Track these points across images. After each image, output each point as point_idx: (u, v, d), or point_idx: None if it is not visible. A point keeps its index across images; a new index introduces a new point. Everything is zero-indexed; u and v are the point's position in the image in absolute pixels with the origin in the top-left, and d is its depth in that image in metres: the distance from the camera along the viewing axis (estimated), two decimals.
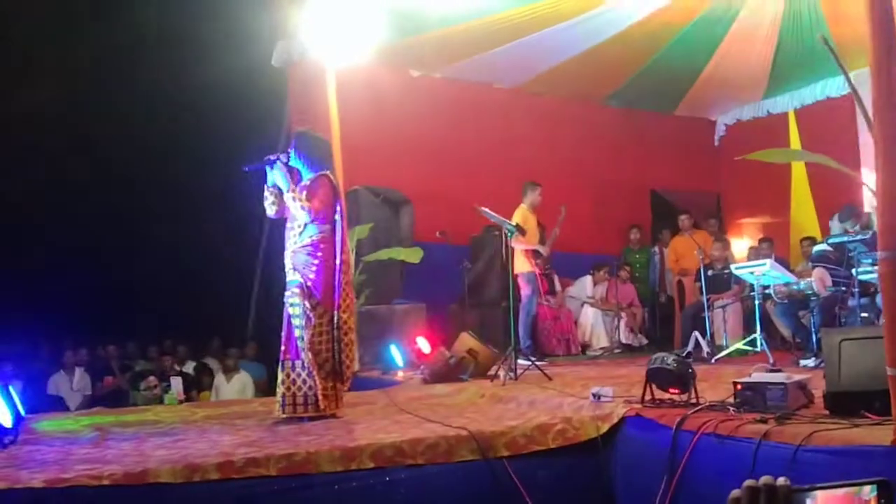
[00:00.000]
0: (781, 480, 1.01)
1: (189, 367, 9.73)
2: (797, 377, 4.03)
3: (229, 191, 8.70)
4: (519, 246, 7.69)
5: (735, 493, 1.02)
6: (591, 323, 9.81)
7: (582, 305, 9.95)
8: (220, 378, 8.95)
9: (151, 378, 7.42)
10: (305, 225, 4.80)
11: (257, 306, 11.02)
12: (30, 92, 9.59)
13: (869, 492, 1.03)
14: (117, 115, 10.43)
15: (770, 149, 5.95)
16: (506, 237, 6.97)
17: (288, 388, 4.77)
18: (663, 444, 3.77)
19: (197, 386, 9.18)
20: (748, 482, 1.01)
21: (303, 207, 4.73)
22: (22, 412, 4.42)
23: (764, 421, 3.50)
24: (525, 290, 8.06)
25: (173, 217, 11.21)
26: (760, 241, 9.89)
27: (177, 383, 6.94)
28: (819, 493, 1.04)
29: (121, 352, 10.62)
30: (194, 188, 10.91)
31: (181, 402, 6.54)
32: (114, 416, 5.25)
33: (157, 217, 11.14)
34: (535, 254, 7.91)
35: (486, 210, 6.72)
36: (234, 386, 8.71)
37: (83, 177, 10.58)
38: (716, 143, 12.14)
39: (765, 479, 1.01)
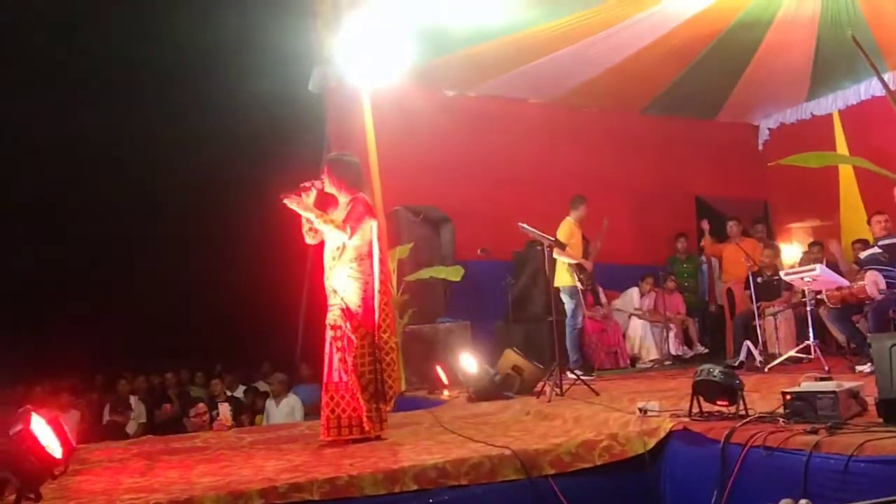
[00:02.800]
0: (803, 503, 0.98)
1: (240, 392, 9.86)
2: (849, 385, 3.89)
3: (274, 213, 8.82)
4: (563, 259, 7.64)
5: None
6: (640, 335, 9.69)
7: (629, 317, 9.83)
8: (269, 402, 9.04)
9: (200, 405, 7.52)
10: (344, 247, 4.81)
11: (306, 328, 11.10)
12: (66, 111, 9.80)
13: None
14: (156, 139, 10.64)
15: (810, 152, 5.81)
16: (548, 252, 6.93)
17: (332, 411, 4.77)
18: (712, 458, 3.68)
19: (249, 410, 9.29)
20: None
21: (338, 228, 4.74)
22: (72, 442, 4.51)
23: (815, 431, 3.40)
24: (568, 304, 7.99)
25: (219, 243, 11.40)
26: (811, 245, 9.66)
27: (224, 409, 7.01)
28: None
29: (177, 379, 10.83)
30: (240, 213, 11.09)
31: (229, 427, 6.59)
32: (162, 444, 5.32)
33: (202, 243, 11.34)
34: (578, 268, 7.83)
35: (526, 226, 6.68)
36: (283, 409, 8.79)
37: (126, 203, 10.81)
38: (760, 148, 11.96)
39: (784, 503, 0.98)
